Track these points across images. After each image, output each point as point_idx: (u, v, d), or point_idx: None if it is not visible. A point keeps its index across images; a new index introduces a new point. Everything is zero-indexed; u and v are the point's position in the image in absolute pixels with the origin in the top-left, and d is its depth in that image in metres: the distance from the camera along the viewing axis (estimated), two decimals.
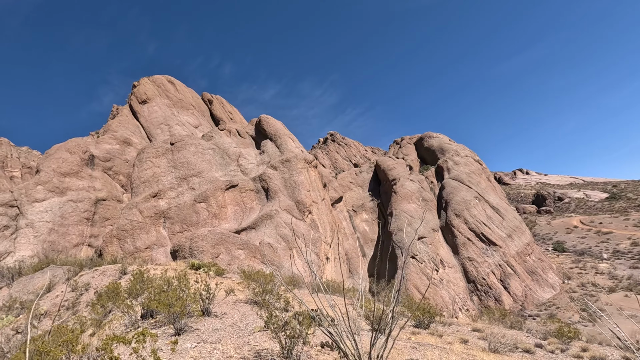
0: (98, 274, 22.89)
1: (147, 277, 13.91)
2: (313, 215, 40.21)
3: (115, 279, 20.39)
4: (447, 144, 71.65)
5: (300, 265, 35.46)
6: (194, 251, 26.90)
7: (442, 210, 63.95)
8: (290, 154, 43.28)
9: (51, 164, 43.85)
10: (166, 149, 42.12)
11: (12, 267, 32.47)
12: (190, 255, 27.01)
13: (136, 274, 12.84)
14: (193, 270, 22.86)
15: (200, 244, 27.15)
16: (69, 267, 27.20)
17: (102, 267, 24.27)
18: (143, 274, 14.64)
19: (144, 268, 19.06)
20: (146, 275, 14.28)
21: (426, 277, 54.28)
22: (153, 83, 59.10)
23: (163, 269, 18.65)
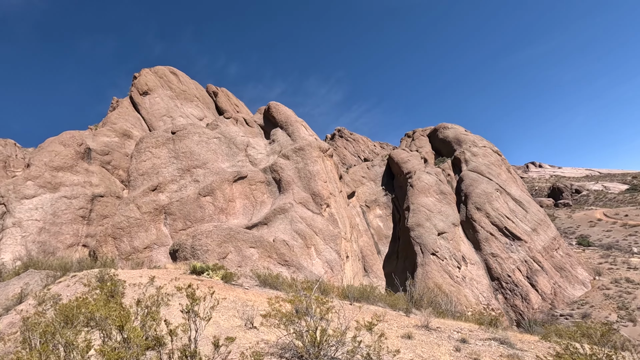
0: (75, 281, 17.35)
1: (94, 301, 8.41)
2: (331, 209, 34.63)
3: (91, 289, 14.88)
4: (464, 135, 65.91)
5: (319, 264, 29.91)
6: (196, 251, 21.43)
7: (461, 203, 58.19)
8: (303, 142, 37.74)
9: (43, 157, 38.63)
10: (167, 138, 36.70)
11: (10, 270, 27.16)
12: (193, 256, 21.53)
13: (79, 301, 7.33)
14: (194, 276, 17.30)
15: (204, 241, 21.67)
16: (48, 273, 21.75)
17: (83, 272, 18.81)
18: (107, 289, 9.14)
19: (117, 278, 13.53)
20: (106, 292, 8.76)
21: (448, 275, 48.60)
22: (155, 74, 53.80)
23: (149, 276, 13.12)
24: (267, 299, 12.36)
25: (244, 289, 15.59)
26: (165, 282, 13.59)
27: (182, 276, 16.63)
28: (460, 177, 61.89)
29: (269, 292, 16.01)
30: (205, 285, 14.98)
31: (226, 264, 20.81)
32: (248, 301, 11.48)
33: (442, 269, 48.63)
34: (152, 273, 17.45)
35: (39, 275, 21.63)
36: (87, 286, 15.20)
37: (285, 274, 21.37)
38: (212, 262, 21.07)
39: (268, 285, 17.74)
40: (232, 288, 15.62)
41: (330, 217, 34.25)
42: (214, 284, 15.73)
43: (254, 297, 13.34)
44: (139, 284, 12.69)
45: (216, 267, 18.72)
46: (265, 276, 17.92)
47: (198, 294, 10.09)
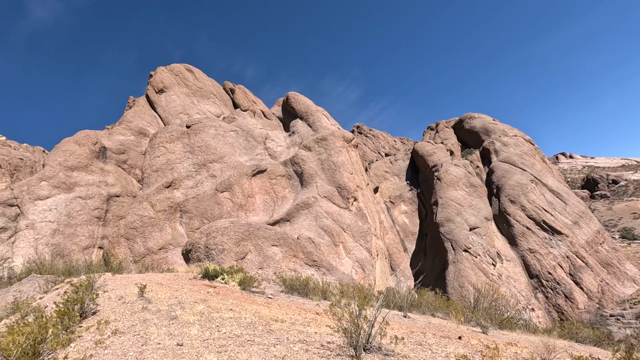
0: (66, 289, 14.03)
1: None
2: (359, 203, 30.71)
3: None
4: (492, 124, 60.63)
5: (349, 264, 26.02)
6: (211, 251, 17.97)
7: (492, 197, 53.08)
8: (325, 132, 33.97)
9: (57, 157, 36.34)
10: (181, 133, 33.66)
11: (3, 277, 24.49)
12: (207, 257, 18.06)
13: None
14: (206, 281, 13.70)
15: (219, 240, 18.18)
16: (48, 278, 18.70)
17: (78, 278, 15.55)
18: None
19: (106, 286, 10.04)
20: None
21: (483, 272, 43.72)
22: (170, 72, 51.24)
23: (140, 286, 9.58)
24: (300, 314, 8.54)
25: (266, 299, 11.86)
26: (164, 292, 10.02)
27: (191, 282, 13.09)
28: (490, 168, 56.74)
29: (299, 301, 12.26)
30: (217, 295, 11.34)
31: (245, 265, 17.26)
32: (273, 320, 7.76)
33: (475, 266, 43.86)
34: (155, 278, 13.98)
35: (39, 281, 18.61)
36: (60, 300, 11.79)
37: (316, 276, 17.62)
38: (229, 263, 17.53)
39: (296, 291, 14.00)
40: (251, 297, 11.92)
41: (359, 211, 30.34)
42: (229, 292, 12.07)
43: (280, 310, 9.61)
44: (124, 296, 9.16)
45: (233, 270, 15.10)
46: (292, 280, 14.18)
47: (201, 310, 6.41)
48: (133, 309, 7.72)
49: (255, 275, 15.13)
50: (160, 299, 9.06)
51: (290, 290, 14.24)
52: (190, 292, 11.46)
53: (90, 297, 7.59)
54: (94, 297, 7.77)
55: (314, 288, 13.47)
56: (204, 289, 12.40)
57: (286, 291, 14.26)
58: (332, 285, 15.47)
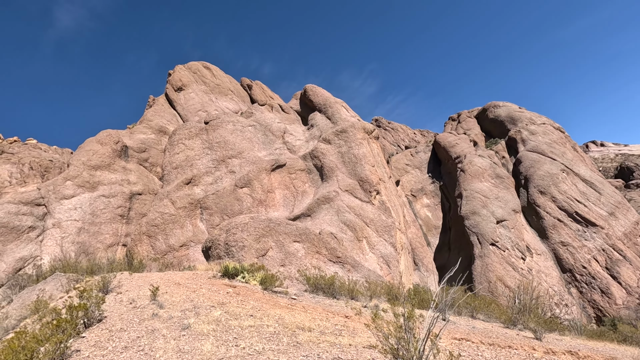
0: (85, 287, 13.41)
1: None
2: (382, 196, 29.28)
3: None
4: (518, 112, 57.49)
5: (373, 260, 24.72)
6: (231, 248, 17.09)
7: (520, 188, 50.31)
8: (345, 124, 32.60)
9: (81, 156, 36.59)
10: (200, 129, 33.08)
11: (32, 275, 24.66)
12: (227, 254, 17.20)
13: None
14: (225, 280, 12.74)
15: (239, 236, 17.27)
16: (70, 277, 18.35)
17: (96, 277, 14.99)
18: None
19: (121, 287, 9.18)
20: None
21: (512, 267, 41.40)
22: (188, 69, 50.98)
23: (152, 288, 8.66)
24: (328, 318, 7.35)
25: (289, 300, 10.76)
26: (180, 294, 9.08)
27: (210, 282, 12.16)
28: (517, 158, 53.81)
29: (325, 302, 11.10)
30: (237, 296, 10.32)
31: (266, 262, 16.28)
32: (299, 329, 6.64)
33: (504, 260, 41.62)
34: (174, 277, 13.15)
35: (62, 280, 18.26)
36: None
37: (340, 273, 16.45)
38: (250, 260, 16.58)
39: (321, 290, 12.86)
40: (274, 298, 10.86)
41: (382, 205, 28.92)
42: (249, 293, 11.04)
43: (306, 315, 8.49)
44: (135, 299, 8.26)
45: (253, 268, 14.11)
46: (317, 279, 13.04)
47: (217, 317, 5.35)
48: (142, 316, 6.80)
49: (277, 274, 14.10)
50: (174, 303, 8.10)
51: (315, 289, 13.13)
52: (208, 293, 10.51)
53: (95, 303, 6.71)
54: (100, 303, 6.89)
55: (340, 287, 12.29)
56: (223, 289, 11.44)
57: (310, 290, 13.15)
58: (359, 284, 14.24)
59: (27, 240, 30.93)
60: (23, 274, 27.96)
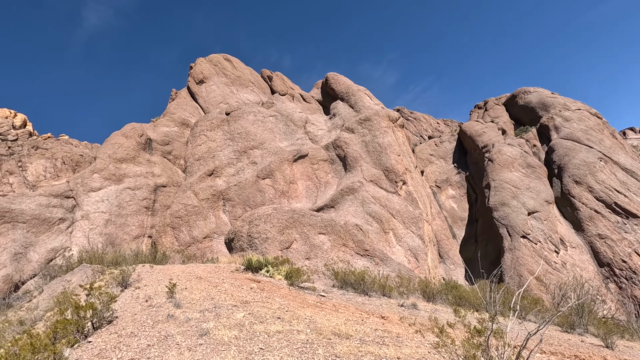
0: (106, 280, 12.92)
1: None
2: (408, 187, 27.77)
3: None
4: (551, 98, 53.90)
5: (401, 253, 23.40)
6: (254, 240, 16.27)
7: (554, 178, 47.23)
8: (369, 112, 31.10)
9: (107, 150, 36.91)
10: (221, 120, 32.46)
11: (62, 266, 24.88)
12: (250, 246, 16.39)
13: None
14: (249, 274, 11.85)
15: (262, 228, 16.40)
16: (95, 268, 18.12)
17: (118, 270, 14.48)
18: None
19: (140, 281, 8.37)
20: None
21: (545, 260, 38.89)
22: (209, 62, 50.56)
23: (169, 284, 7.80)
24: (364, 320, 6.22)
25: (318, 297, 9.72)
26: (200, 290, 8.20)
27: (232, 276, 11.30)
28: (549, 147, 50.53)
29: (356, 300, 10.00)
30: (262, 292, 9.35)
31: (291, 255, 15.36)
32: (335, 335, 5.57)
33: (536, 254, 39.18)
34: (195, 271, 12.39)
35: (87, 272, 18.03)
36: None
37: (369, 267, 15.30)
38: (274, 253, 15.68)
39: (350, 286, 11.76)
40: (301, 295, 9.84)
41: (408, 195, 27.44)
42: (274, 289, 10.06)
43: (338, 316, 7.41)
44: (152, 296, 7.44)
45: (278, 262, 13.17)
46: (346, 274, 11.94)
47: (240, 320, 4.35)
48: (157, 317, 5.93)
49: (302, 267, 13.09)
50: (193, 301, 7.22)
51: (344, 284, 12.05)
52: (230, 289, 9.61)
53: (104, 303, 5.90)
54: (110, 302, 6.07)
55: (372, 283, 11.15)
56: (246, 284, 10.53)
57: (339, 286, 12.09)
58: (391, 279, 13.04)
59: (57, 232, 31.46)
60: (54, 265, 28.41)
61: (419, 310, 9.26)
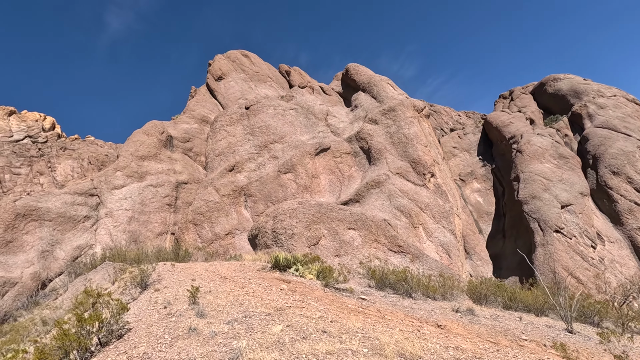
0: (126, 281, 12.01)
1: None
2: (437, 179, 26.02)
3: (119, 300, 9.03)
4: (583, 85, 50.44)
5: (432, 249, 21.77)
6: (279, 236, 15.10)
7: (588, 169, 44.08)
8: (393, 102, 29.42)
9: (129, 148, 36.71)
10: (241, 115, 31.52)
11: (87, 263, 24.58)
12: (275, 243, 15.22)
13: None
14: (277, 273, 10.62)
15: (287, 223, 15.21)
16: (116, 266, 17.42)
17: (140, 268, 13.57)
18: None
19: (160, 282, 7.23)
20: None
21: (580, 256, 36.14)
22: (227, 58, 49.86)
23: (191, 288, 6.65)
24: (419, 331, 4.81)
25: (358, 301, 8.38)
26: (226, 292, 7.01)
27: (259, 275, 10.11)
28: (583, 136, 47.24)
29: (402, 303, 8.60)
30: (294, 294, 8.08)
31: (319, 252, 14.10)
32: (400, 356, 4.23)
33: (570, 249, 36.48)
34: (220, 269, 11.28)
35: (109, 270, 17.34)
36: (124, 293, 9.38)
37: (403, 264, 13.84)
38: (301, 250, 14.44)
39: (390, 287, 10.34)
40: (338, 298, 8.52)
41: (437, 188, 25.69)
42: (307, 291, 8.78)
43: (388, 326, 6.06)
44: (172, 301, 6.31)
45: (307, 259, 11.90)
46: (384, 273, 10.52)
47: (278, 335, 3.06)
48: (176, 331, 4.78)
49: (334, 266, 11.77)
50: (219, 308, 6.04)
51: (381, 285, 10.65)
52: (259, 291, 8.39)
53: (113, 314, 4.78)
54: (120, 313, 4.96)
55: (416, 283, 9.72)
56: (276, 285, 9.30)
57: (376, 286, 10.71)
58: (433, 278, 11.54)
59: (82, 230, 31.37)
60: (80, 262, 28.18)
61: (477, 316, 7.81)
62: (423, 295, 9.96)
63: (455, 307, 8.28)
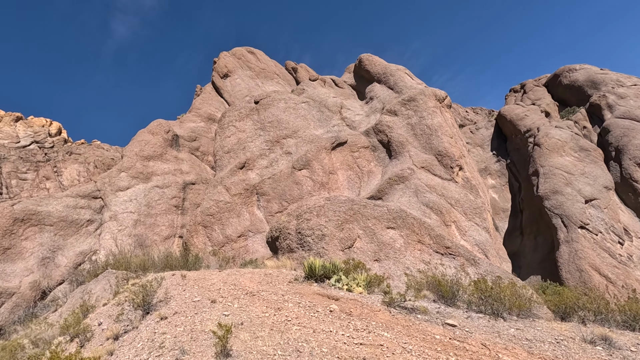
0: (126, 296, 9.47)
1: None
2: (465, 173, 23.43)
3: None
4: (601, 74, 47.70)
5: (467, 247, 19.11)
6: (305, 238, 12.58)
7: (610, 161, 41.25)
8: (413, 91, 26.86)
9: (133, 147, 34.35)
10: (250, 109, 29.07)
11: (90, 270, 22.19)
12: (301, 246, 12.69)
13: None
14: (314, 286, 8.07)
15: (315, 222, 12.69)
16: (119, 275, 14.94)
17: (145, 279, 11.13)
18: None
19: (167, 304, 4.59)
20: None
21: (608, 253, 33.28)
22: (233, 56, 47.49)
23: (207, 297, 4.19)
24: None
25: (446, 329, 5.83)
26: (263, 328, 4.52)
27: (294, 289, 7.58)
28: (603, 127, 44.41)
29: (502, 331, 6.02)
30: (349, 319, 5.50)
31: (355, 256, 11.59)
32: None
33: (597, 245, 33.66)
34: (241, 282, 8.74)
35: (110, 280, 14.80)
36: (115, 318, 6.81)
37: (453, 269, 11.26)
38: (334, 254, 11.89)
39: (464, 302, 7.74)
40: (415, 324, 5.96)
41: (466, 182, 23.09)
42: (367, 313, 6.20)
43: None
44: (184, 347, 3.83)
45: (349, 266, 9.33)
46: (456, 284, 7.93)
47: None
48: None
49: (385, 274, 9.21)
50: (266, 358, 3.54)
51: (451, 299, 8.06)
52: (304, 317, 5.85)
53: None
54: None
55: (510, 299, 7.16)
56: (321, 305, 6.76)
57: (443, 300, 8.13)
58: (517, 288, 8.93)
59: (86, 234, 28.99)
60: (83, 269, 25.74)
61: (620, 349, 5.31)
62: (514, 314, 7.42)
63: (586, 335, 5.72)
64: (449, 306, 7.78)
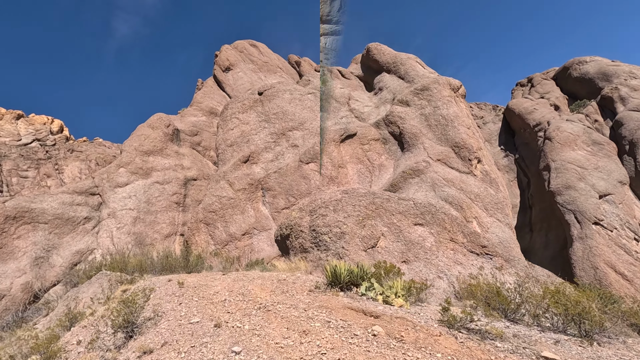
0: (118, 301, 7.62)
1: None
2: (484, 165, 21.62)
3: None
4: (613, 66, 45.76)
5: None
6: (321, 236, 10.83)
7: (624, 155, 39.36)
8: (425, 80, 25.03)
9: (133, 142, 32.59)
10: (254, 101, 27.27)
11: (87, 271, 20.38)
12: (316, 246, 10.93)
13: None
14: (344, 298, 6.33)
15: (331, 218, 10.92)
16: (111, 278, 13.17)
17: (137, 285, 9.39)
18: None
19: (146, 345, 2.35)
20: None
21: (624, 250, 31.41)
22: (235, 49, 45.60)
23: (209, 315, 2.48)
24: None
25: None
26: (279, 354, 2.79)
27: (316, 299, 5.82)
28: (616, 120, 42.44)
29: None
30: (403, 346, 3.66)
31: (379, 257, 9.86)
32: None
33: (612, 242, 31.80)
34: (252, 291, 6.95)
35: (102, 284, 13.06)
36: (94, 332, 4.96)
37: (489, 271, 9.52)
38: (355, 255, 10.11)
39: (532, 317, 5.96)
40: (492, 354, 4.23)
41: (486, 176, 21.29)
42: (424, 339, 4.39)
43: None
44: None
45: (380, 271, 7.55)
46: (516, 294, 6.16)
47: None
48: None
49: (421, 281, 7.42)
50: None
51: (514, 314, 6.28)
52: (342, 348, 4.08)
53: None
54: None
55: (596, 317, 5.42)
56: (358, 325, 5.00)
57: (505, 316, 6.35)
58: (568, 294, 7.13)
59: (83, 232, 27.25)
60: (79, 270, 23.99)
61: None
62: (600, 334, 5.70)
63: None
64: (515, 323, 6.04)
